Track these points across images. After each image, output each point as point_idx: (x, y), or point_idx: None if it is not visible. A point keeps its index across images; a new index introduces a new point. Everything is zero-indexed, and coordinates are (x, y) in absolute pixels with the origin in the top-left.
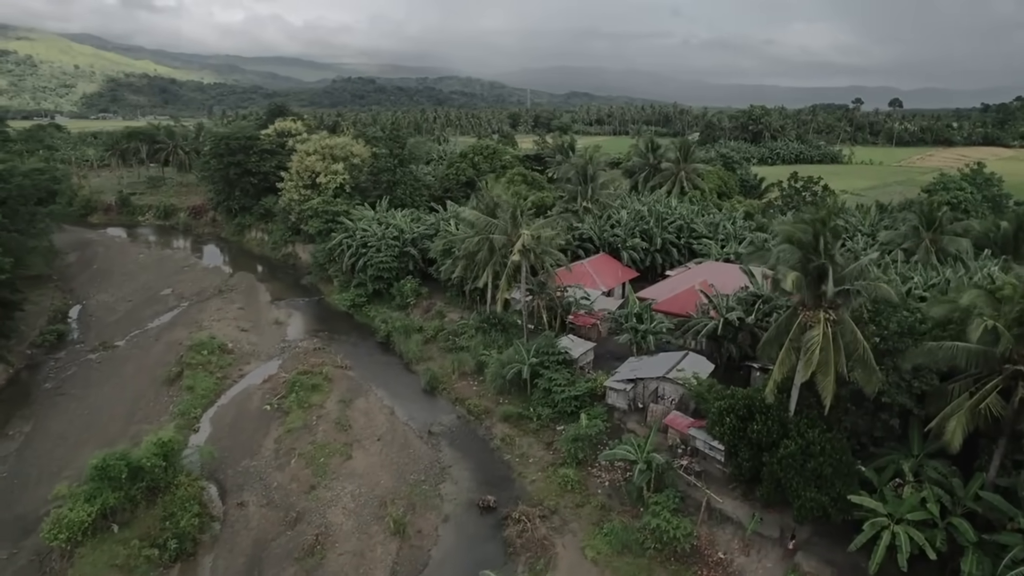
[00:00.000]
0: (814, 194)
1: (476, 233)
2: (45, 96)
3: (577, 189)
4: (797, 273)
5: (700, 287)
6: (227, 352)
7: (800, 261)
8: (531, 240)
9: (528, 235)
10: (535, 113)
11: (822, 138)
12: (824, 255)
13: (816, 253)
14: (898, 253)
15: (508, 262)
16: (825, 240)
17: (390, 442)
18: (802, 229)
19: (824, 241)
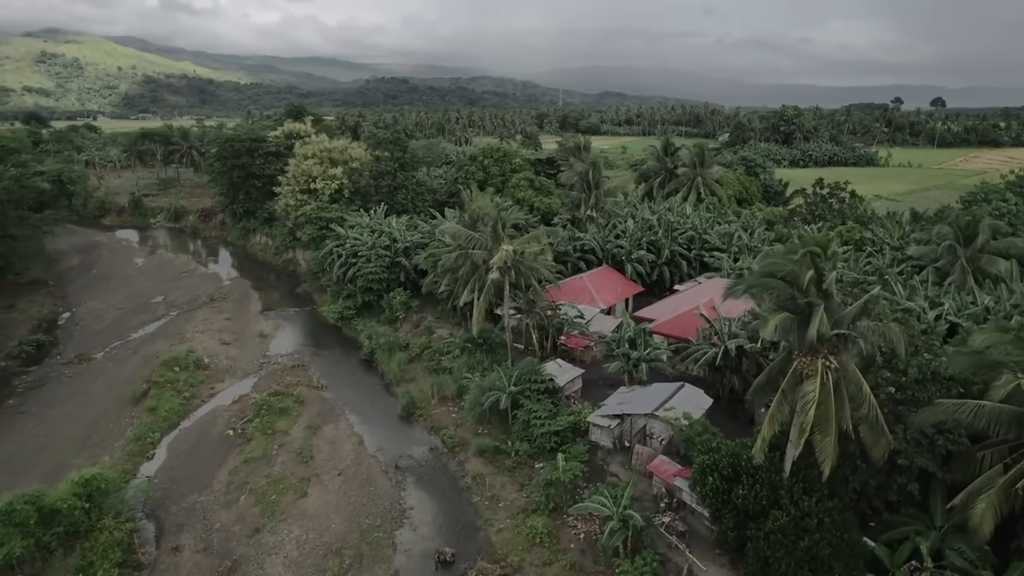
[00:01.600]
0: (841, 201)
1: (458, 247)
2: (90, 97)
3: (580, 196)
4: (783, 314)
5: (703, 308)
6: (202, 368)
7: (786, 299)
8: (511, 256)
9: (508, 251)
10: (563, 113)
11: (858, 139)
12: (817, 292)
13: (805, 290)
14: (929, 273)
15: (487, 280)
16: (819, 274)
17: (351, 477)
18: (789, 263)
19: (818, 275)
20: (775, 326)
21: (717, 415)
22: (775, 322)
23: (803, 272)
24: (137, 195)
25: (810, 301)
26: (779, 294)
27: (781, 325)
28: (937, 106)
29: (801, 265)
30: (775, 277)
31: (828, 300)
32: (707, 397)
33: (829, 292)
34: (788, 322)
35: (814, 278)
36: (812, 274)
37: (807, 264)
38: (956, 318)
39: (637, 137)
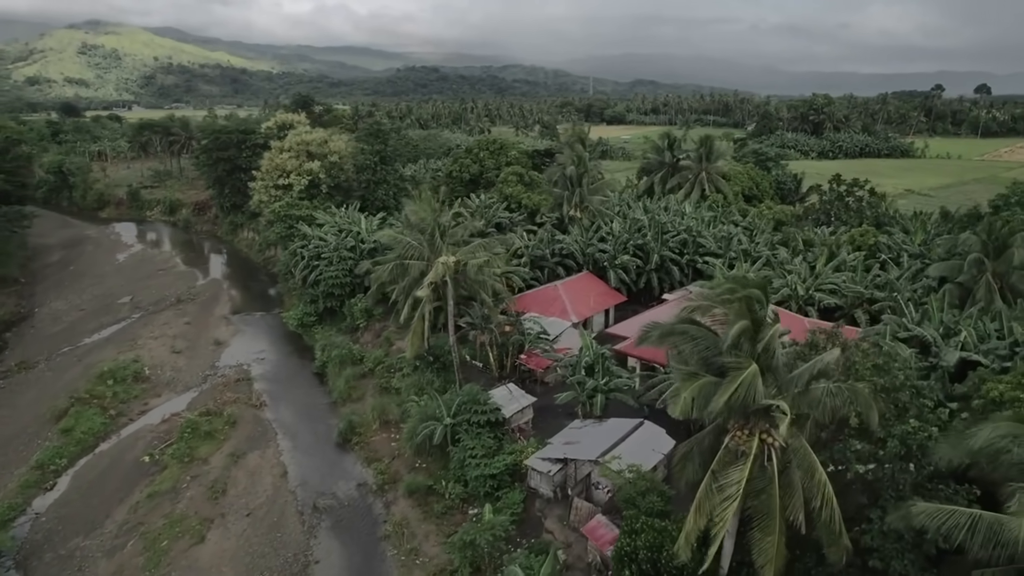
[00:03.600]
0: (859, 200)
1: (398, 257)
2: (127, 87)
3: (563, 194)
4: (706, 379)
5: None
6: (141, 381)
7: (714, 355)
8: (449, 269)
9: (445, 263)
10: (588, 102)
11: (893, 129)
12: (751, 349)
13: (732, 347)
14: (947, 292)
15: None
16: (756, 325)
17: (260, 519)
18: (694, 330)
19: (754, 327)
20: (691, 399)
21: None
22: (692, 392)
23: (734, 320)
24: (135, 187)
25: (729, 363)
26: (703, 348)
27: (702, 394)
28: (982, 93)
29: (735, 311)
30: (699, 324)
31: (768, 359)
32: (668, 439)
33: (769, 349)
34: (713, 389)
35: (747, 330)
36: (743, 326)
37: (740, 311)
38: (975, 353)
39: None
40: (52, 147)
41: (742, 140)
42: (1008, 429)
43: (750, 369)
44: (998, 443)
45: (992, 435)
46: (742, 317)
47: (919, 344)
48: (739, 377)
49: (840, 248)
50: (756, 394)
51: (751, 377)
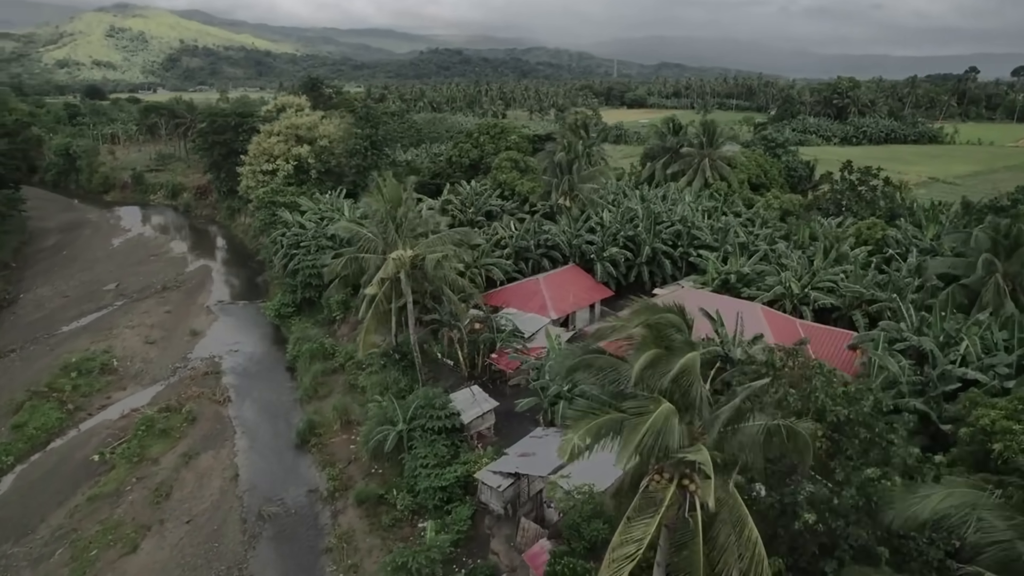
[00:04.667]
0: (872, 189)
1: (359, 250)
2: (152, 70)
3: (552, 182)
4: (604, 417)
5: None
6: (108, 372)
7: (618, 397)
8: (404, 264)
9: (398, 257)
10: (608, 85)
11: (923, 114)
12: (668, 386)
13: (638, 383)
14: (951, 294)
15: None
16: (671, 351)
17: (200, 527)
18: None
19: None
20: (583, 443)
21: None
22: (586, 435)
23: (639, 351)
24: (139, 171)
25: (629, 407)
26: (611, 384)
27: (600, 435)
28: (1021, 76)
29: (642, 341)
30: (607, 354)
31: (684, 395)
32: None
33: (683, 383)
34: (614, 429)
35: (658, 362)
36: (650, 358)
37: (647, 340)
38: (973, 369)
39: (684, 111)
40: (67, 130)
41: (762, 125)
42: (962, 498)
43: (661, 409)
44: (951, 513)
45: (942, 505)
46: (650, 347)
47: (916, 354)
48: (647, 420)
49: (842, 242)
50: (672, 438)
51: (662, 419)
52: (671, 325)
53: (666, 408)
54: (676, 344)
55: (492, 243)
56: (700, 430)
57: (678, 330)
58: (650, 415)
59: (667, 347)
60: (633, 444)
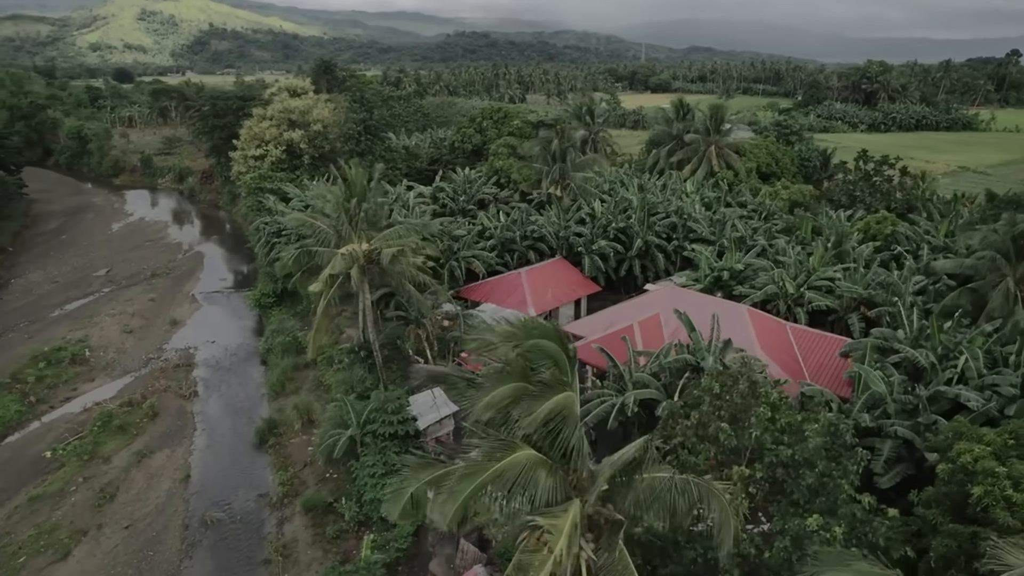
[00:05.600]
0: (888, 180)
1: (317, 243)
2: (182, 53)
3: (542, 170)
4: (443, 469)
5: (636, 329)
6: (79, 363)
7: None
8: (358, 259)
9: (348, 254)
10: (632, 69)
11: (958, 99)
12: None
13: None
14: (957, 299)
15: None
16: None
17: (139, 533)
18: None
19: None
20: (419, 498)
21: None
22: (424, 488)
23: (495, 385)
24: (147, 154)
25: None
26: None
27: (443, 490)
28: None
29: (501, 373)
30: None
31: (552, 441)
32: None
33: (556, 426)
34: (458, 488)
35: (520, 399)
36: (503, 394)
37: (510, 372)
38: (976, 388)
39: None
40: (83, 112)
41: (787, 110)
42: None
43: (515, 458)
44: None
45: None
46: (508, 381)
47: (912, 367)
48: (481, 473)
49: (848, 237)
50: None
51: (518, 470)
52: (547, 356)
53: (524, 457)
54: (548, 378)
55: (475, 234)
56: (579, 482)
57: (555, 363)
58: (491, 466)
59: (539, 382)
60: (458, 501)
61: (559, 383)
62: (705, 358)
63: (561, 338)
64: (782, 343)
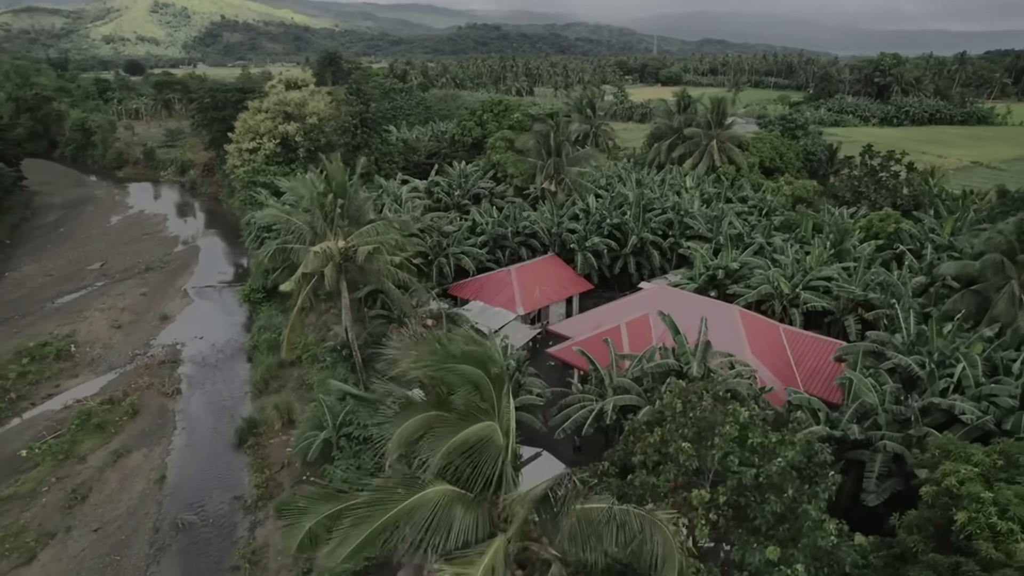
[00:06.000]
0: (894, 175)
1: (293, 238)
2: (194, 46)
3: (536, 164)
4: (346, 502)
5: (623, 330)
6: (64, 359)
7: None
8: (333, 257)
9: (321, 252)
10: (643, 62)
11: (974, 92)
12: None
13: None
14: (958, 303)
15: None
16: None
17: (108, 536)
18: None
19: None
20: (316, 536)
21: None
22: (321, 524)
23: (404, 416)
24: (150, 146)
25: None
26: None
27: (349, 526)
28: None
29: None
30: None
31: (473, 473)
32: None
33: (477, 459)
34: (358, 528)
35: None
36: (410, 429)
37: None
38: (972, 399)
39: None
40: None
41: (797, 104)
42: None
43: (427, 495)
44: None
45: None
46: (419, 411)
47: (907, 375)
48: (405, 510)
49: (850, 235)
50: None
51: (430, 507)
52: (467, 381)
53: (436, 493)
54: (463, 408)
55: (466, 229)
56: (512, 515)
57: (476, 388)
58: (394, 507)
59: (454, 410)
60: (351, 546)
61: (478, 411)
62: (690, 363)
63: (486, 361)
64: (774, 346)
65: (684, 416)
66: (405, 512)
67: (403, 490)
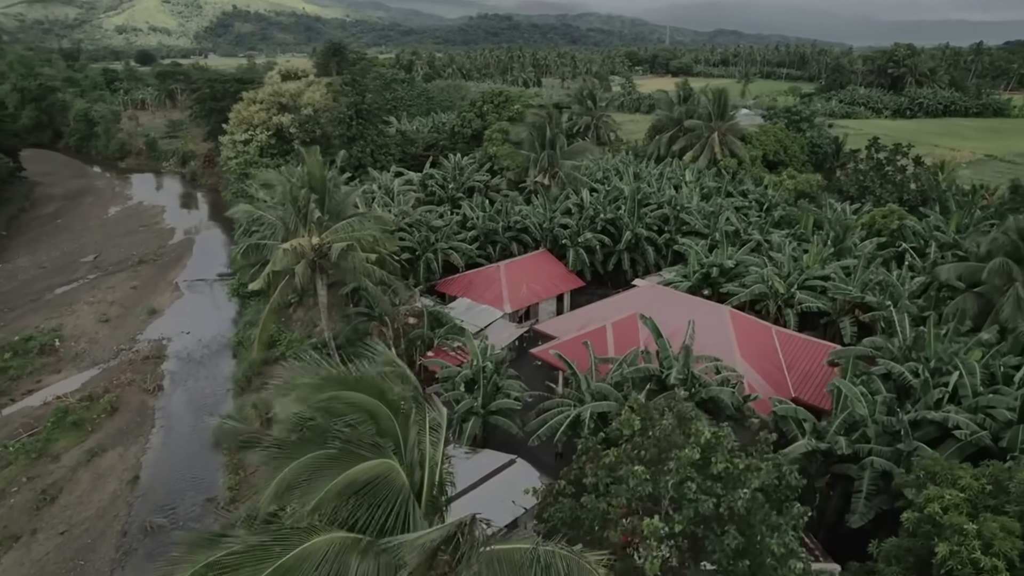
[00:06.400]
0: (901, 169)
1: (267, 233)
2: (205, 36)
3: (529, 157)
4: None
5: (609, 331)
6: (48, 354)
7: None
8: (293, 258)
9: (290, 250)
10: (653, 52)
11: (990, 84)
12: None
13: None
14: (959, 306)
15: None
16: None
17: (74, 539)
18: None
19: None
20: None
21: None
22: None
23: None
24: (152, 137)
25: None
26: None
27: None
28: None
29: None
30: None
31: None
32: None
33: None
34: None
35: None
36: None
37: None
38: (968, 411)
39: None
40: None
41: (808, 95)
42: None
43: (316, 543)
44: None
45: None
46: (302, 452)
47: (901, 382)
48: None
49: (849, 233)
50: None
51: (320, 555)
52: (362, 411)
53: (326, 542)
54: (354, 444)
55: (456, 223)
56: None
57: (372, 419)
58: (273, 563)
59: (346, 443)
60: None
61: (366, 447)
62: (673, 367)
63: (382, 389)
64: (766, 349)
65: (642, 435)
66: (288, 568)
67: (279, 547)
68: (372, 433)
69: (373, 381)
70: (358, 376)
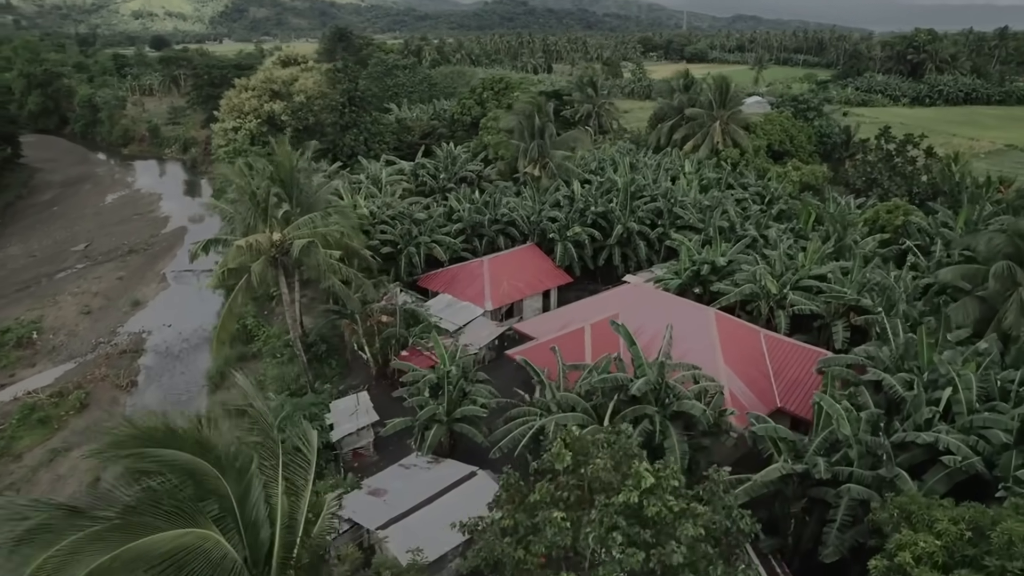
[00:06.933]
0: (912, 161)
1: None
2: (220, 21)
3: (519, 147)
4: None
5: (588, 333)
6: (25, 347)
7: None
8: (248, 255)
9: (246, 246)
10: (668, 38)
11: (1015, 70)
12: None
13: None
14: (960, 311)
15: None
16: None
17: None
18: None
19: None
20: None
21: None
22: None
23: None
24: (155, 124)
25: None
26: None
27: None
28: None
29: None
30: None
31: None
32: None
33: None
34: None
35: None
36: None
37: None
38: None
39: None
40: (101, 80)
41: (824, 82)
42: None
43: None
44: None
45: None
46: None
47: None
48: None
49: (850, 229)
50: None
51: None
52: (181, 471)
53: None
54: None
55: (442, 216)
56: None
57: (191, 480)
58: None
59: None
60: None
61: (178, 513)
62: (643, 377)
63: (206, 444)
64: (752, 354)
65: (573, 474)
66: None
67: None
68: (188, 497)
69: (192, 435)
70: (172, 430)
